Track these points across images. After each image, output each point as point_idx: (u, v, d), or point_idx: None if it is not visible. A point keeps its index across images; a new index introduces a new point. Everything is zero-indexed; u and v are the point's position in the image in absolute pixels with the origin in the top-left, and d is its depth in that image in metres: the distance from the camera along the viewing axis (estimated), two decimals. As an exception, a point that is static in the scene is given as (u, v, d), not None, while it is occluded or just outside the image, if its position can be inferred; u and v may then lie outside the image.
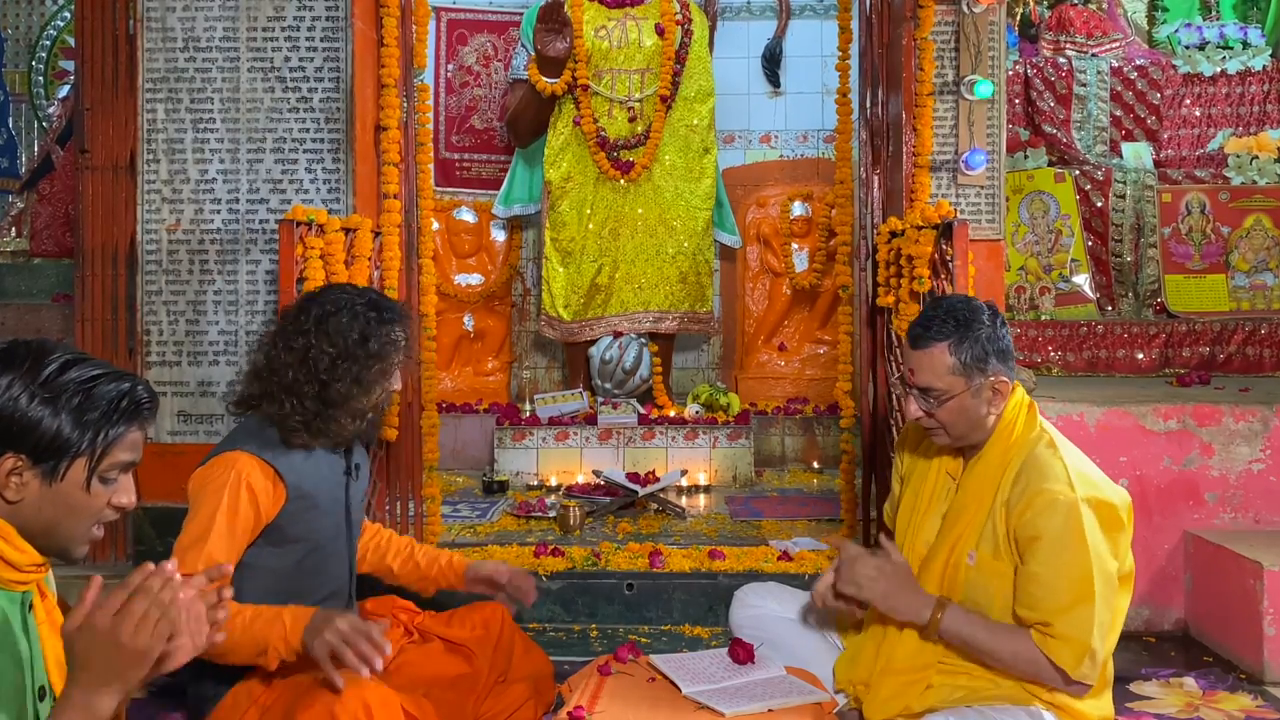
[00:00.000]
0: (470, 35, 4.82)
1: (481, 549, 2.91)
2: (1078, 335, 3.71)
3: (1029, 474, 1.68)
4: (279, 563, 1.78)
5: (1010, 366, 1.76)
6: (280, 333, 1.83)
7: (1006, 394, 1.74)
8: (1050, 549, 1.62)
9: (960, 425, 1.74)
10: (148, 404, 1.19)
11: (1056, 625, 1.61)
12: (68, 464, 1.14)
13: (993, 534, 1.70)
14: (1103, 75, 4.12)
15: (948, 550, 1.76)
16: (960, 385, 1.71)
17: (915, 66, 2.79)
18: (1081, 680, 1.63)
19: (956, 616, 1.70)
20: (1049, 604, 1.62)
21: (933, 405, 1.74)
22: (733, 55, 4.80)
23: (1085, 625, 1.60)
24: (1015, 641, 1.66)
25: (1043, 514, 1.63)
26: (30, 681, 1.14)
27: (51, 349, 1.16)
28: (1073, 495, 1.63)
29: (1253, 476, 2.74)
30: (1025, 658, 1.65)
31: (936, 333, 1.72)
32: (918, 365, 1.75)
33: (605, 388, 4.22)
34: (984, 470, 1.75)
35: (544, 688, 2.01)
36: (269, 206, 2.85)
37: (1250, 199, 3.87)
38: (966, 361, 1.71)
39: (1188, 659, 2.57)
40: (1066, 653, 1.61)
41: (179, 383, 2.85)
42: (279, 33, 2.86)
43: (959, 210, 2.87)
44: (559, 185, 4.28)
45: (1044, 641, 1.63)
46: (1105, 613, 1.62)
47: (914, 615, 1.73)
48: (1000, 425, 1.75)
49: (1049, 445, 1.71)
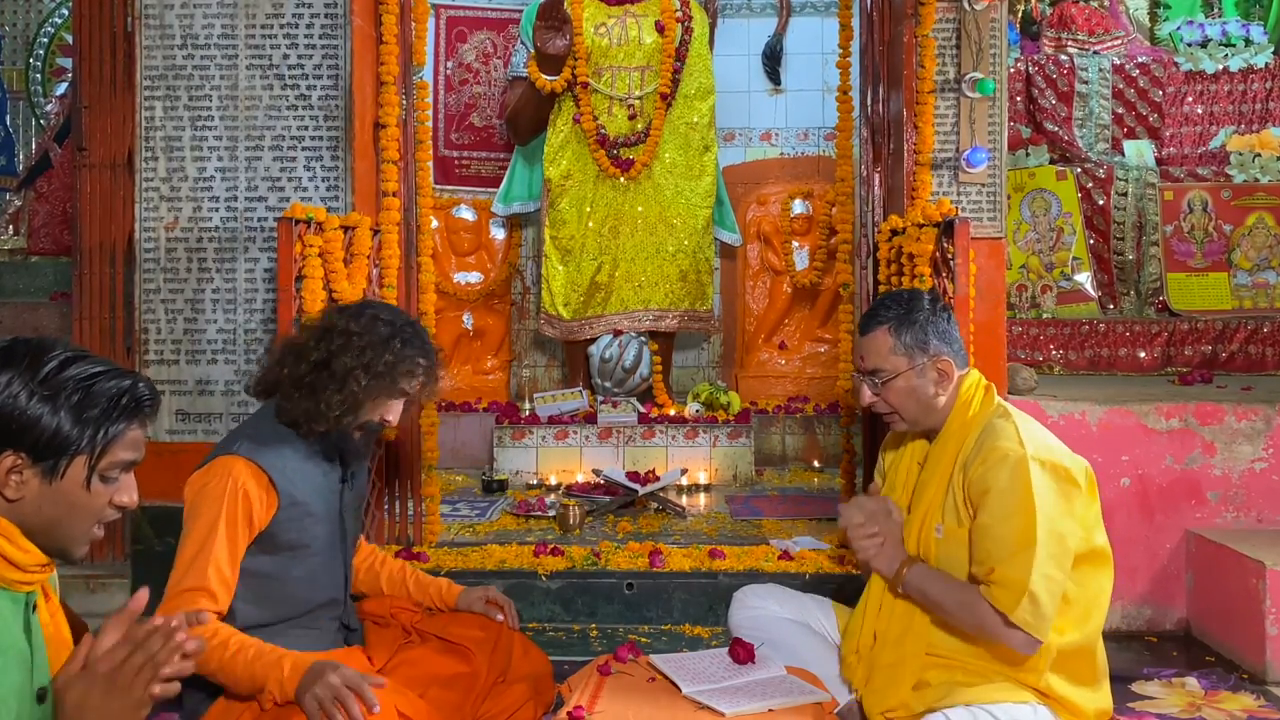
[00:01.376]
0: (470, 32, 4.80)
1: (481, 548, 2.90)
2: (1079, 334, 3.70)
3: (983, 437, 1.76)
4: (272, 569, 1.77)
5: (955, 351, 1.84)
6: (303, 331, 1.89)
7: (952, 375, 1.82)
8: (996, 500, 1.69)
9: (910, 406, 1.83)
10: (149, 401, 1.18)
11: (998, 570, 1.67)
12: (67, 462, 1.13)
13: (954, 504, 1.77)
14: (1104, 73, 4.11)
15: (918, 528, 1.83)
16: (903, 364, 1.81)
17: (916, 64, 2.78)
18: (1022, 626, 1.65)
19: (919, 571, 1.79)
20: (994, 553, 1.68)
21: (880, 388, 1.83)
22: (733, 52, 4.79)
23: (1024, 568, 1.64)
24: (963, 592, 1.73)
25: (992, 469, 1.70)
26: (31, 682, 1.14)
27: (51, 346, 1.15)
28: (1021, 451, 1.69)
29: (1255, 475, 2.74)
30: (970, 607, 1.70)
31: (879, 317, 1.84)
32: (864, 350, 1.86)
33: (605, 386, 4.21)
34: (943, 446, 1.83)
35: (543, 688, 2.00)
36: (267, 204, 2.84)
37: (1252, 197, 3.86)
38: (908, 343, 1.81)
39: (1190, 659, 2.56)
40: (1005, 595, 1.65)
41: (177, 381, 2.84)
42: (277, 30, 2.85)
43: (960, 208, 2.86)
44: (559, 183, 4.27)
45: (987, 590, 1.68)
46: (1050, 565, 1.65)
47: (884, 566, 1.83)
48: (957, 405, 1.83)
49: (1004, 415, 1.79)
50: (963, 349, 1.87)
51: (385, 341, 1.78)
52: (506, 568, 2.76)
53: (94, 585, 2.81)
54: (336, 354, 1.77)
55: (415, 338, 1.84)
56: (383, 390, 1.80)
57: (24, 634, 1.14)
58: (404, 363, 1.80)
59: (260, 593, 1.75)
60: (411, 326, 1.86)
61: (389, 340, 1.79)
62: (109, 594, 2.81)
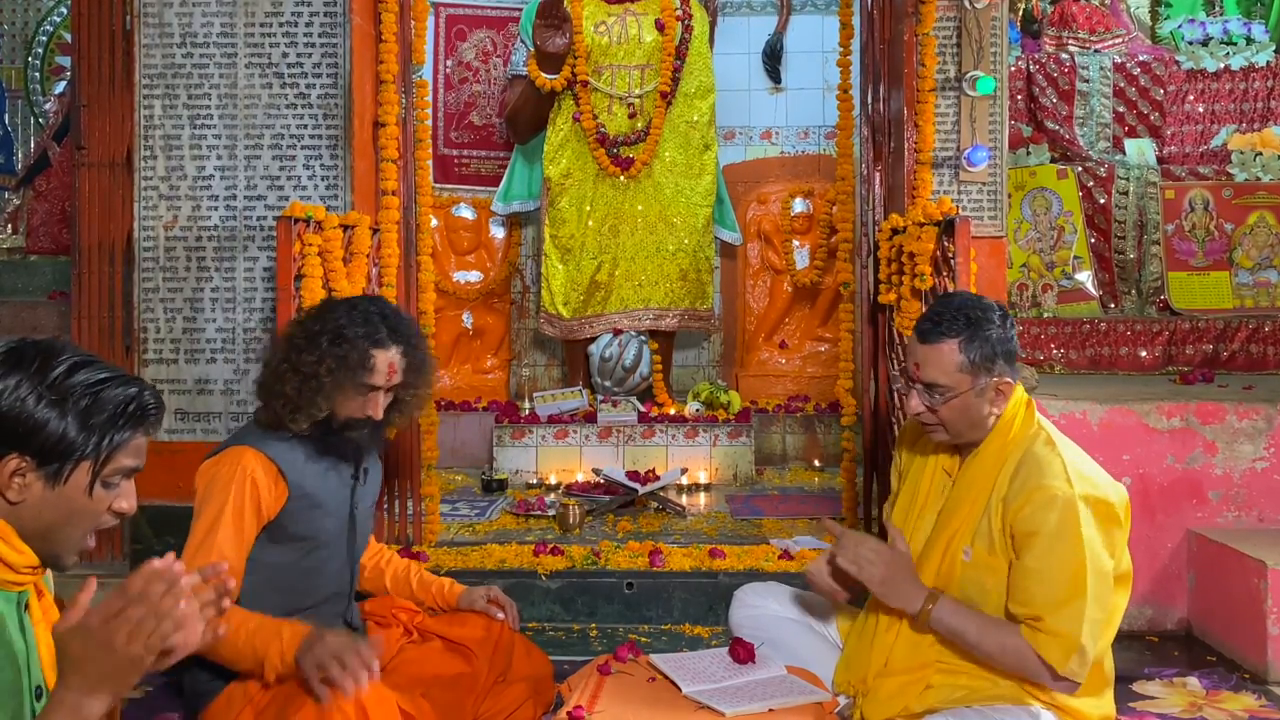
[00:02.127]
0: (469, 31, 4.79)
1: (480, 547, 2.90)
2: (1080, 333, 3.69)
3: (1027, 470, 1.67)
4: (279, 559, 1.78)
5: (1015, 368, 1.76)
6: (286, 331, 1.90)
7: (1009, 396, 1.74)
8: (1045, 544, 1.62)
9: (960, 424, 1.74)
10: (154, 410, 1.19)
11: (1047, 620, 1.61)
12: (72, 467, 1.13)
13: (988, 530, 1.70)
14: (1105, 71, 4.10)
15: (943, 546, 1.76)
16: (966, 384, 1.71)
17: (917, 62, 2.78)
18: (1069, 677, 1.62)
19: (947, 608, 1.70)
20: (1041, 599, 1.62)
21: (936, 402, 1.73)
22: (733, 51, 4.78)
23: (1076, 621, 1.59)
24: (1004, 635, 1.65)
25: (1040, 510, 1.63)
26: (27, 681, 1.13)
27: (60, 350, 1.15)
28: (1070, 491, 1.62)
29: (1256, 475, 2.73)
30: (1013, 651, 1.64)
31: (947, 329, 1.72)
32: (925, 360, 1.74)
33: (605, 385, 4.20)
34: (980, 466, 1.75)
35: (543, 687, 2.00)
36: (266, 203, 2.83)
37: (1254, 195, 3.85)
38: (975, 360, 1.70)
39: (1191, 658, 2.56)
40: (1055, 648, 1.61)
41: (176, 380, 2.83)
42: (277, 28, 2.84)
43: (961, 207, 2.86)
44: (558, 182, 4.26)
45: (1033, 636, 1.62)
46: (1097, 610, 1.61)
47: (906, 603, 1.72)
48: (1000, 423, 1.74)
49: (1047, 442, 1.71)
50: (1018, 363, 1.78)
51: (314, 340, 1.77)
52: (506, 567, 2.76)
53: (93, 585, 2.80)
54: (282, 361, 1.80)
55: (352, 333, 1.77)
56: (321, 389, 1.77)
57: (18, 632, 1.14)
58: (330, 359, 1.76)
59: (267, 582, 1.76)
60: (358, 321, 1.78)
61: (318, 338, 1.77)
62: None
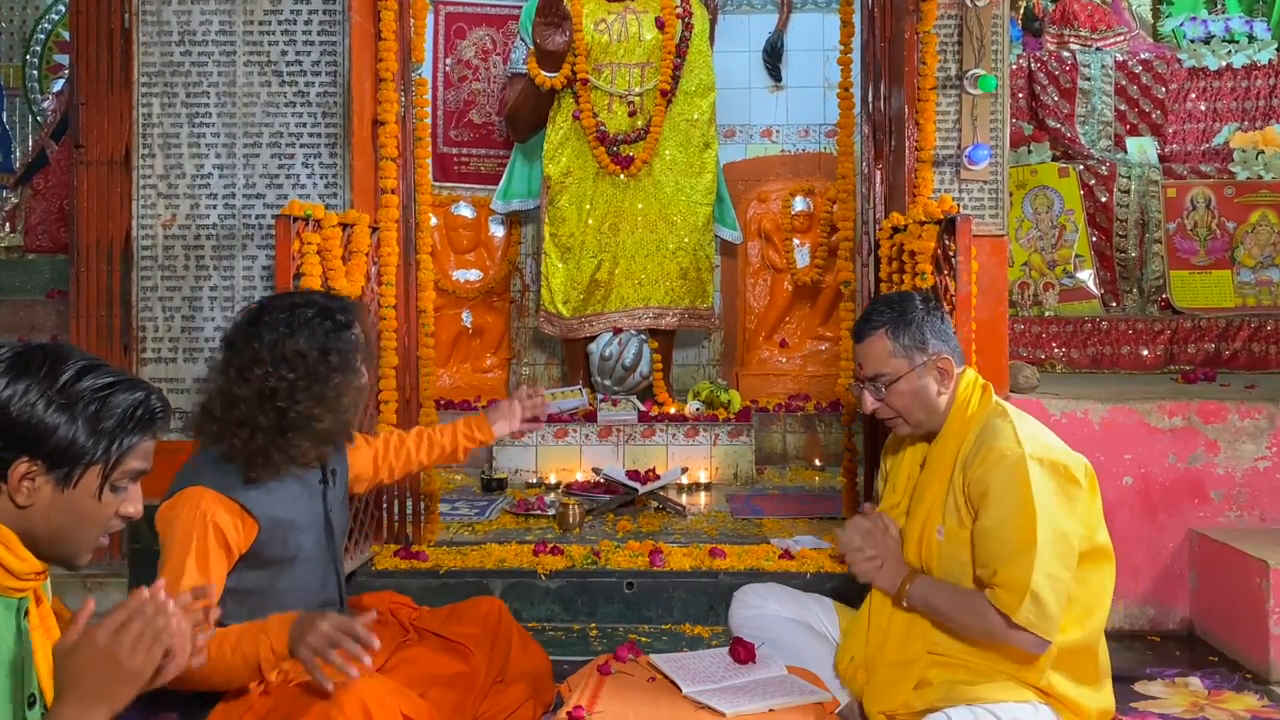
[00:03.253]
0: (469, 29, 4.78)
1: (480, 547, 2.89)
2: (1082, 331, 3.68)
3: (982, 438, 1.75)
4: (261, 583, 1.74)
5: (953, 349, 1.84)
6: (231, 362, 1.72)
7: (952, 373, 1.82)
8: (996, 501, 1.68)
9: (915, 410, 1.82)
10: (161, 414, 1.20)
11: (1001, 572, 1.66)
12: (82, 471, 1.14)
13: (955, 505, 1.76)
14: (1107, 69, 4.09)
15: (919, 529, 1.82)
16: (904, 367, 1.80)
17: (918, 60, 2.77)
18: (1026, 626, 1.64)
19: (923, 585, 1.78)
20: (996, 554, 1.67)
21: (883, 393, 1.82)
22: (733, 49, 4.77)
23: (1026, 569, 1.63)
24: (969, 599, 1.72)
25: (990, 470, 1.69)
26: (20, 688, 1.14)
27: (67, 355, 1.16)
28: (1019, 450, 1.69)
29: (1259, 474, 2.72)
30: (976, 614, 1.69)
31: (874, 321, 1.84)
32: (863, 356, 1.86)
33: (605, 385, 4.20)
34: (943, 447, 1.83)
35: (543, 686, 1.99)
36: (265, 202, 2.82)
37: (1256, 194, 3.85)
38: (906, 344, 1.81)
39: (1193, 658, 2.55)
40: (1008, 597, 1.65)
41: (174, 379, 2.82)
42: (275, 26, 2.83)
43: (962, 205, 2.84)
44: (558, 180, 4.25)
45: (992, 594, 1.67)
46: (1055, 565, 1.64)
47: (886, 583, 1.83)
48: (955, 405, 1.83)
49: (1001, 414, 1.78)
50: (959, 347, 1.87)
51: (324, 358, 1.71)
52: (506, 567, 2.75)
53: (91, 585, 2.79)
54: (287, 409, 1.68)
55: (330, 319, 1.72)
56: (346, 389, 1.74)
57: (15, 639, 1.14)
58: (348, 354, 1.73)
59: (253, 607, 1.71)
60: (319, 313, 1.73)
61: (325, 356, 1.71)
62: (106, 594, 2.80)
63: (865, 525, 1.87)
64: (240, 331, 1.75)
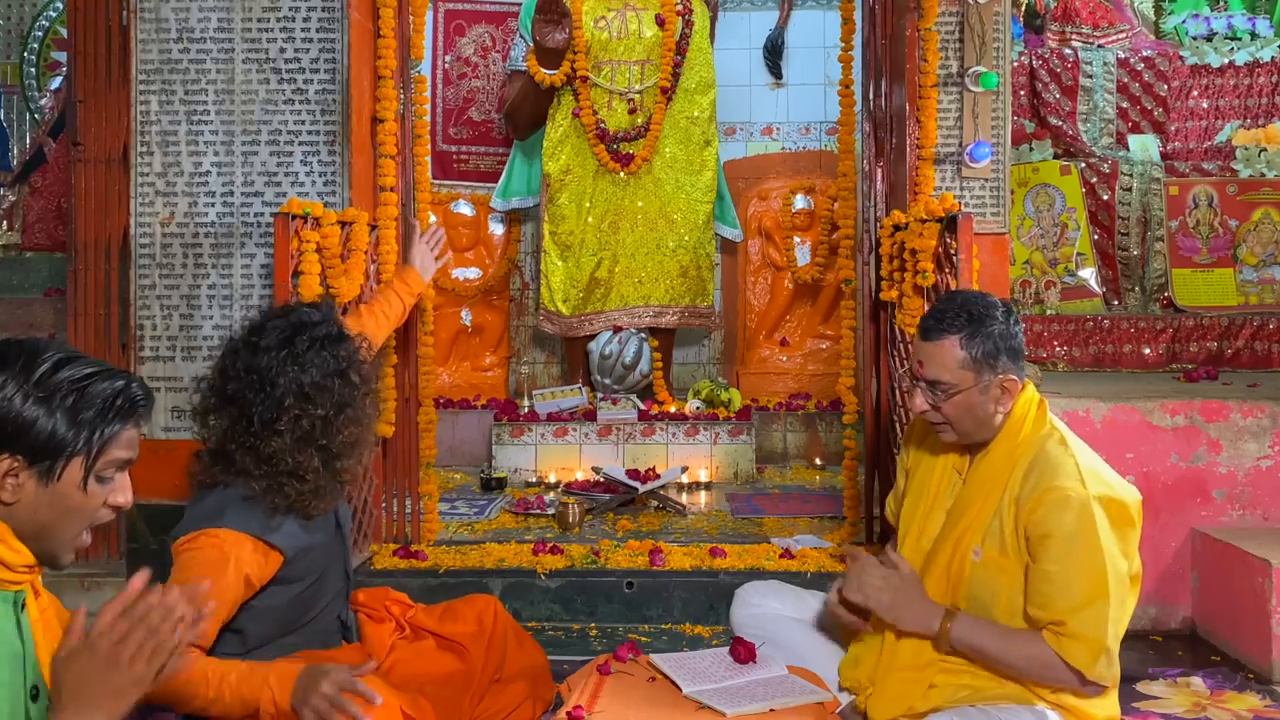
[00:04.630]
0: (468, 26, 4.77)
1: (479, 546, 2.88)
2: (1084, 330, 3.67)
3: (1040, 471, 1.65)
4: (281, 599, 1.72)
5: (1020, 366, 1.74)
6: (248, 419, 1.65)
7: (1015, 393, 1.72)
8: (1063, 547, 1.60)
9: (966, 422, 1.72)
10: (143, 401, 1.19)
11: (1070, 624, 1.59)
12: (64, 464, 1.13)
13: (999, 531, 1.68)
14: (1109, 66, 4.08)
15: (952, 546, 1.74)
16: (969, 380, 1.70)
17: (919, 58, 2.76)
18: (1097, 680, 1.60)
19: (966, 625, 1.68)
20: (1062, 603, 1.60)
21: (940, 399, 1.72)
22: (734, 46, 4.76)
23: (1100, 624, 1.58)
24: (1028, 645, 1.63)
25: (1054, 511, 1.61)
26: (24, 680, 1.13)
27: (44, 348, 1.15)
28: (1085, 492, 1.60)
29: (1261, 473, 2.71)
30: (1039, 661, 1.62)
31: (949, 325, 1.71)
32: (927, 357, 1.73)
33: (605, 383, 4.18)
34: (991, 466, 1.73)
35: (542, 684, 1.99)
36: (264, 199, 2.81)
37: (1258, 192, 3.84)
38: (977, 357, 1.69)
39: (1195, 658, 2.54)
40: (1082, 652, 1.59)
41: (173, 378, 2.81)
42: (274, 24, 2.82)
43: (963, 203, 2.84)
44: (558, 178, 4.24)
45: (1057, 641, 1.60)
46: (1119, 612, 1.60)
47: (921, 626, 1.70)
48: (1009, 422, 1.72)
49: (1060, 442, 1.69)
50: (1025, 361, 1.76)
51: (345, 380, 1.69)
52: (505, 566, 2.74)
53: (88, 584, 2.79)
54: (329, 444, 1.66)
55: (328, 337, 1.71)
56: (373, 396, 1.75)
57: (15, 632, 1.14)
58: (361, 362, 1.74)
59: (270, 618, 1.71)
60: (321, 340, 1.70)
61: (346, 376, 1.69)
62: (103, 592, 2.79)
63: (879, 569, 1.75)
64: (244, 385, 1.67)
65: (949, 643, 1.68)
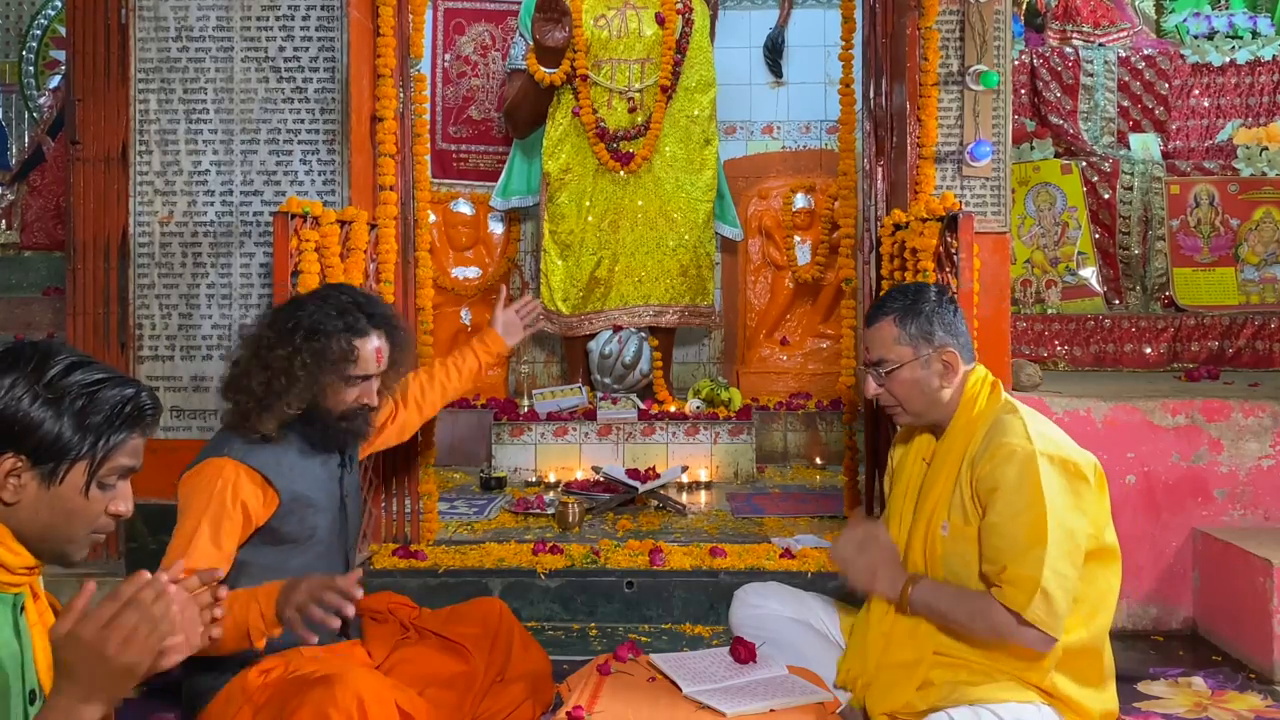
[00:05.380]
0: (468, 25, 4.76)
1: (479, 546, 2.88)
2: (1084, 329, 3.67)
3: (991, 434, 1.74)
4: (276, 560, 1.76)
5: (961, 344, 1.82)
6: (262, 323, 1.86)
7: (957, 368, 1.80)
8: (1005, 498, 1.67)
9: (915, 399, 1.82)
10: (151, 411, 1.20)
11: (1009, 569, 1.64)
12: (68, 467, 1.13)
13: (961, 501, 1.75)
14: (1110, 65, 4.07)
15: (924, 525, 1.81)
16: (907, 354, 1.80)
17: (920, 56, 2.75)
18: (1035, 624, 1.62)
19: (925, 588, 1.76)
20: (1004, 550, 1.66)
21: (885, 379, 1.82)
22: (734, 45, 4.75)
23: (1035, 566, 1.62)
24: (973, 600, 1.70)
25: (999, 465, 1.68)
26: (21, 684, 1.13)
27: (57, 351, 1.16)
28: (1030, 447, 1.68)
29: (1262, 473, 2.71)
30: (981, 612, 1.68)
31: (885, 308, 1.84)
32: (870, 341, 1.85)
33: (605, 383, 4.18)
34: (950, 443, 1.81)
35: (542, 686, 1.99)
36: (263, 198, 2.81)
37: (1260, 191, 3.83)
38: (912, 333, 1.80)
39: (1196, 658, 2.54)
40: (1017, 594, 1.63)
41: (172, 377, 2.81)
42: (273, 22, 2.81)
43: (964, 202, 2.83)
44: (557, 177, 4.24)
45: (999, 591, 1.66)
46: (1064, 563, 1.63)
47: (887, 589, 1.80)
48: (963, 401, 1.82)
49: (1011, 410, 1.77)
50: (969, 343, 1.86)
51: (284, 338, 1.77)
52: (505, 566, 2.73)
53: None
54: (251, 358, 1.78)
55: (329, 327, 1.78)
56: (299, 385, 1.77)
57: (13, 635, 1.14)
58: (306, 354, 1.76)
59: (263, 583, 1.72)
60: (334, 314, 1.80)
61: (288, 335, 1.78)
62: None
63: (858, 535, 1.85)
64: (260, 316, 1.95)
65: (909, 604, 1.76)
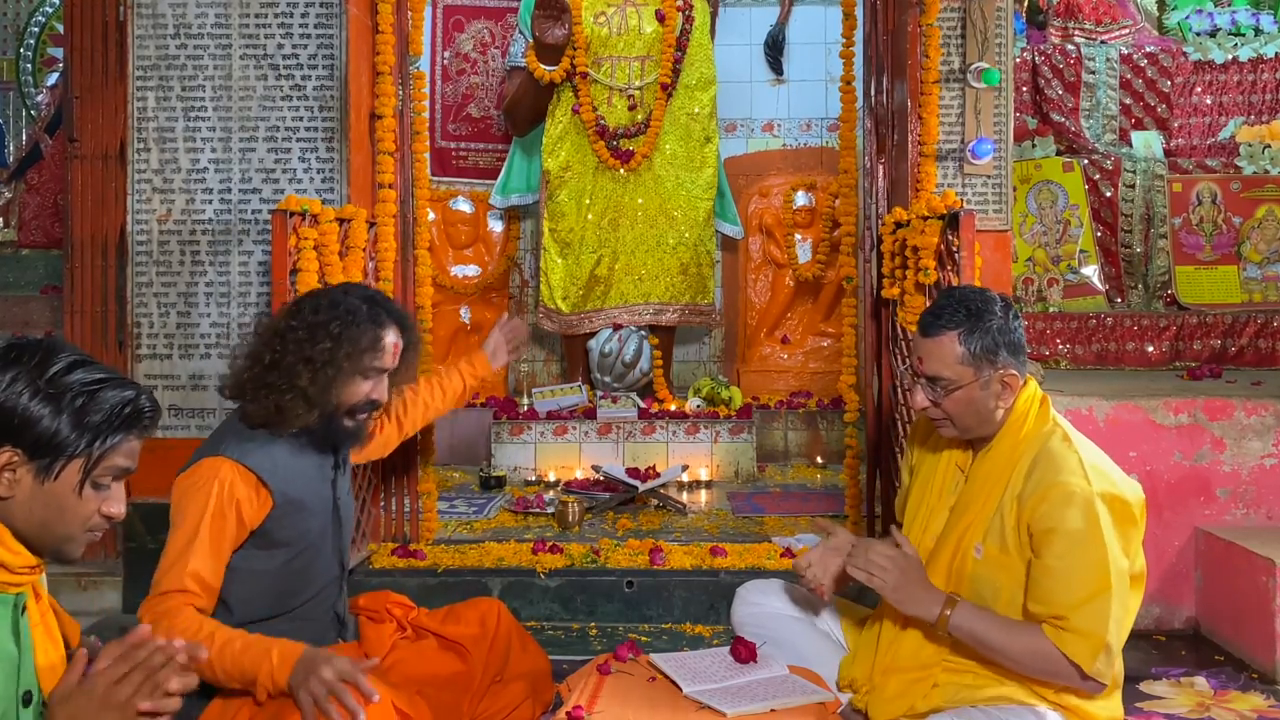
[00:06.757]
0: (467, 22, 4.75)
1: (478, 545, 2.87)
2: (1086, 327, 3.66)
3: (1043, 467, 1.65)
4: (267, 565, 1.75)
5: (1021, 361, 1.74)
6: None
7: (1016, 388, 1.72)
8: (1065, 542, 1.60)
9: (967, 418, 1.72)
10: (149, 413, 1.20)
11: (1072, 619, 1.59)
12: (63, 464, 1.14)
13: (1000, 527, 1.68)
14: (1112, 62, 4.06)
15: (954, 542, 1.74)
16: (968, 376, 1.70)
17: (921, 53, 2.74)
18: (1096, 677, 1.60)
19: (967, 613, 1.67)
20: (1064, 598, 1.60)
21: (940, 395, 1.72)
22: (735, 42, 4.74)
23: (1101, 619, 1.57)
24: (1029, 638, 1.63)
25: (1057, 507, 1.61)
26: (15, 686, 1.13)
27: (60, 349, 1.18)
28: (1089, 488, 1.61)
29: (1265, 472, 2.70)
30: (1040, 654, 1.62)
31: (947, 321, 1.71)
32: (926, 354, 1.73)
33: (605, 381, 4.17)
34: (993, 463, 1.73)
35: (541, 686, 1.98)
36: (262, 196, 2.80)
37: (1262, 189, 3.82)
38: (976, 352, 1.69)
39: (1198, 658, 2.53)
40: (1082, 647, 1.59)
41: (170, 376, 2.80)
42: (272, 19, 2.80)
43: (965, 200, 2.82)
44: (557, 175, 4.22)
45: (1058, 636, 1.60)
46: (1120, 610, 1.60)
47: (923, 610, 1.70)
48: (1011, 418, 1.73)
49: (1063, 439, 1.69)
50: (1026, 356, 1.77)
51: (322, 328, 1.75)
52: (505, 565, 2.73)
53: (85, 583, 2.78)
54: (281, 354, 1.75)
55: (358, 316, 1.78)
56: (337, 377, 1.76)
57: (12, 636, 1.14)
58: (345, 344, 1.75)
59: (254, 587, 1.73)
60: (359, 304, 1.80)
61: (326, 326, 1.76)
62: (100, 592, 2.78)
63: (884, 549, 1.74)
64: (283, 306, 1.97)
65: (948, 629, 1.67)
